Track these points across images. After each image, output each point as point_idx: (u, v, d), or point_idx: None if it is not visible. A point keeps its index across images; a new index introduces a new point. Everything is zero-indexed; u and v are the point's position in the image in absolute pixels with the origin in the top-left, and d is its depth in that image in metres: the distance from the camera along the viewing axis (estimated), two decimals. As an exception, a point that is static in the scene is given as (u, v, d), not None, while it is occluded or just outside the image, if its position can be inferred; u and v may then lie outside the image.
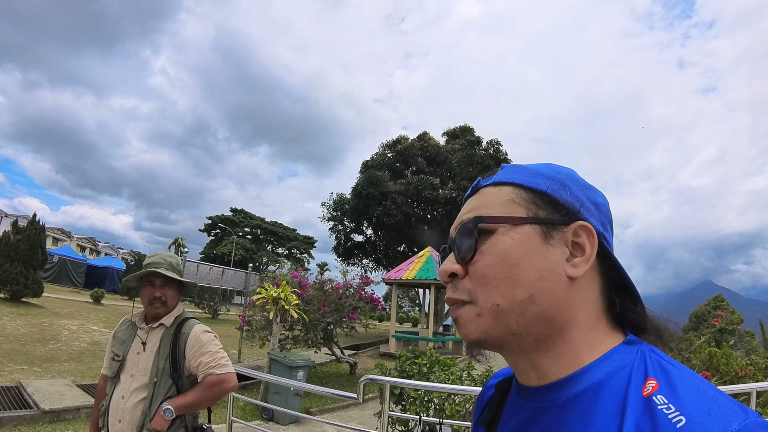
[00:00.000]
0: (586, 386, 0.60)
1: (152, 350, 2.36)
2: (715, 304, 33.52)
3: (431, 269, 17.83)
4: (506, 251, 0.63)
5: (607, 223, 0.69)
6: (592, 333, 0.64)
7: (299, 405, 8.12)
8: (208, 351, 2.35)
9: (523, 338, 0.63)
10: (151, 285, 2.42)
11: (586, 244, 0.64)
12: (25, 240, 15.48)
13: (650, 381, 0.56)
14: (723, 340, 10.29)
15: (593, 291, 0.65)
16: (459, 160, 26.59)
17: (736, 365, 6.45)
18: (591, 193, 0.69)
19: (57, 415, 6.36)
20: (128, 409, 2.25)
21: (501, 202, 0.67)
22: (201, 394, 2.29)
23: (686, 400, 0.52)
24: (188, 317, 2.50)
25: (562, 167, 0.71)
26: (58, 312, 15.53)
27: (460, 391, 4.72)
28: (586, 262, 0.63)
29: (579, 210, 0.65)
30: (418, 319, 34.65)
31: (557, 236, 0.64)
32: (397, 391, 5.09)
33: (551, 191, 0.66)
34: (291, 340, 11.18)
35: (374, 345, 20.11)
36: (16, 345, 10.19)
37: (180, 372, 2.34)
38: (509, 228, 0.64)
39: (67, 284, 29.03)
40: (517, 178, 0.69)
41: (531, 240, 0.63)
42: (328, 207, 30.08)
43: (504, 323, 0.63)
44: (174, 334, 2.39)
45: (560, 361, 0.63)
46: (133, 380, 2.31)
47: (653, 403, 0.53)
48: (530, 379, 0.67)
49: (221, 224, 58.82)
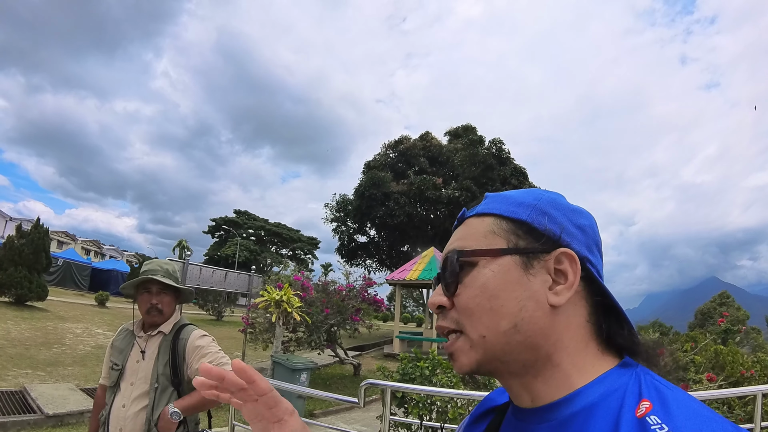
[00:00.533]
0: (580, 408, 0.60)
1: (151, 357, 2.36)
2: (720, 301, 33.42)
3: (434, 269, 17.80)
4: (486, 284, 0.64)
5: (593, 246, 0.69)
6: (581, 357, 0.64)
7: (302, 408, 8.12)
8: (208, 352, 2.35)
9: (511, 365, 0.65)
10: (148, 292, 2.42)
11: (568, 270, 0.64)
12: (29, 244, 15.52)
13: (644, 402, 0.56)
14: (729, 337, 10.23)
15: (580, 316, 0.65)
16: (461, 160, 26.54)
17: (742, 364, 6.39)
18: (575, 216, 0.69)
19: (60, 420, 6.38)
20: (129, 418, 2.25)
21: (482, 234, 0.68)
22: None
23: (679, 420, 0.52)
24: (186, 324, 2.50)
25: (545, 193, 0.71)
26: (63, 315, 15.58)
27: (461, 395, 4.70)
28: (568, 290, 0.63)
29: (560, 236, 0.65)
30: (422, 318, 34.63)
31: (538, 265, 0.64)
32: (399, 395, 5.07)
33: (530, 220, 0.66)
34: (294, 342, 11.19)
35: (378, 346, 20.12)
36: (20, 349, 10.22)
37: (181, 378, 2.34)
38: (489, 260, 0.65)
39: (72, 287, 29.11)
40: (499, 208, 0.69)
41: (511, 271, 0.64)
42: (331, 208, 30.09)
43: (492, 352, 0.64)
44: (173, 340, 2.39)
45: (551, 384, 0.64)
46: (133, 388, 2.31)
47: (647, 424, 0.53)
48: (524, 401, 0.67)
49: (225, 226, 58.87)
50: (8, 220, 44.60)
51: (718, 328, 11.00)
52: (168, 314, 2.46)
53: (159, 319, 2.42)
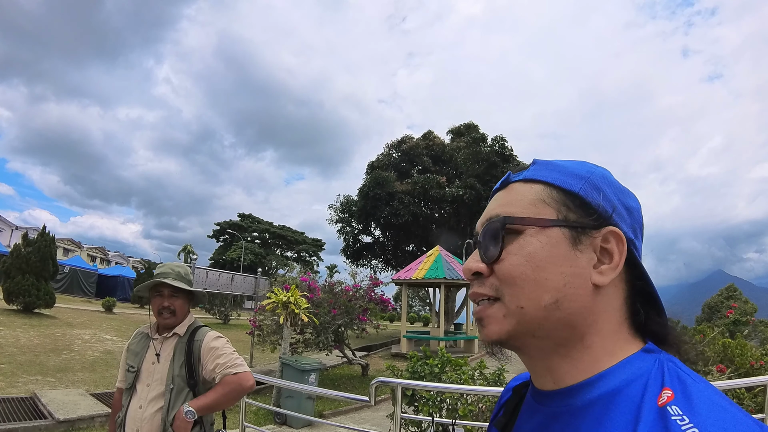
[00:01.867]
0: (601, 393, 0.59)
1: (167, 359, 2.39)
2: (727, 294, 33.23)
3: (440, 268, 17.79)
4: (533, 254, 0.62)
5: (638, 229, 0.66)
6: (612, 340, 0.62)
7: (312, 408, 8.13)
8: (222, 353, 2.38)
9: (543, 341, 0.63)
10: (160, 295, 2.45)
11: (614, 251, 0.62)
12: (35, 252, 15.58)
13: (666, 391, 0.54)
14: (737, 331, 10.18)
15: (617, 298, 0.63)
16: (464, 158, 26.49)
17: (751, 356, 6.38)
18: (624, 196, 0.66)
19: (72, 425, 6.40)
20: (146, 419, 2.28)
21: (530, 201, 0.65)
22: (220, 394, 2.31)
23: (702, 412, 0.50)
24: (201, 325, 2.54)
25: (596, 167, 0.68)
26: (71, 322, 15.64)
27: (472, 391, 4.70)
28: (613, 270, 0.61)
29: (611, 215, 0.63)
30: (429, 318, 34.59)
31: (586, 241, 0.62)
32: (409, 393, 5.07)
33: (583, 193, 0.64)
34: (302, 343, 11.20)
35: (386, 346, 20.10)
36: (29, 356, 10.27)
37: (196, 379, 2.37)
38: (538, 230, 0.63)
39: (79, 294, 29.23)
40: (549, 176, 0.66)
41: (559, 244, 0.62)
42: (336, 209, 30.07)
43: (526, 326, 0.62)
44: (188, 342, 2.42)
45: (579, 366, 0.62)
46: (149, 390, 2.34)
47: (667, 414, 0.51)
48: (546, 383, 0.66)
49: (230, 230, 59.00)
50: (14, 229, 44.85)
51: (727, 320, 10.95)
52: (181, 316, 2.48)
53: (171, 320, 2.45)
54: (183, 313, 2.49)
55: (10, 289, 14.89)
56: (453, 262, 18.95)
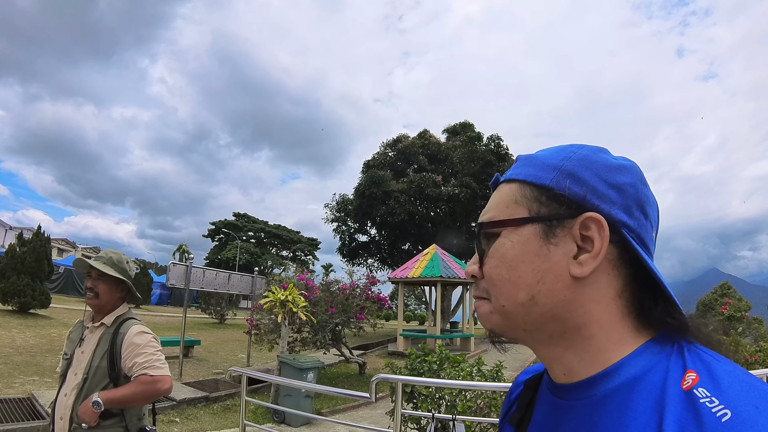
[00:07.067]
0: (620, 383, 0.56)
1: (91, 348, 2.38)
2: (722, 292, 33.39)
3: (436, 267, 17.83)
4: (505, 255, 0.63)
5: (634, 207, 0.61)
6: (616, 331, 0.59)
7: (310, 406, 8.14)
8: (143, 352, 2.34)
9: (536, 334, 0.64)
10: (89, 276, 2.48)
11: (595, 237, 0.58)
12: (30, 252, 15.53)
13: (690, 373, 0.52)
14: (731, 327, 10.26)
15: (611, 287, 0.60)
16: (460, 157, 26.55)
17: (745, 352, 6.44)
18: (612, 174, 0.61)
19: (70, 425, 6.39)
20: (68, 407, 2.28)
21: (506, 203, 0.65)
22: (132, 392, 2.28)
23: (731, 392, 0.48)
24: (129, 318, 2.50)
25: (579, 149, 0.64)
26: (66, 322, 15.56)
27: (471, 387, 4.73)
28: (593, 259, 0.58)
29: (584, 198, 0.60)
30: (425, 317, 34.63)
31: (561, 233, 0.60)
32: (409, 389, 5.10)
33: (554, 184, 0.62)
34: (300, 342, 11.21)
35: (382, 344, 20.14)
36: (26, 357, 10.23)
37: (118, 371, 2.34)
38: (511, 230, 0.63)
39: (74, 294, 29.07)
40: (523, 173, 0.66)
41: (530, 241, 0.61)
42: (332, 208, 30.05)
43: (513, 321, 0.64)
44: (113, 333, 2.40)
45: (585, 357, 0.60)
46: (75, 378, 2.34)
47: (695, 397, 0.48)
48: (558, 375, 0.65)
49: (225, 229, 58.83)
50: (8, 229, 44.56)
51: (721, 316, 11.03)
52: (105, 301, 2.46)
53: (94, 302, 2.44)
54: (109, 299, 2.47)
55: (5, 289, 14.86)
56: (449, 260, 18.98)
